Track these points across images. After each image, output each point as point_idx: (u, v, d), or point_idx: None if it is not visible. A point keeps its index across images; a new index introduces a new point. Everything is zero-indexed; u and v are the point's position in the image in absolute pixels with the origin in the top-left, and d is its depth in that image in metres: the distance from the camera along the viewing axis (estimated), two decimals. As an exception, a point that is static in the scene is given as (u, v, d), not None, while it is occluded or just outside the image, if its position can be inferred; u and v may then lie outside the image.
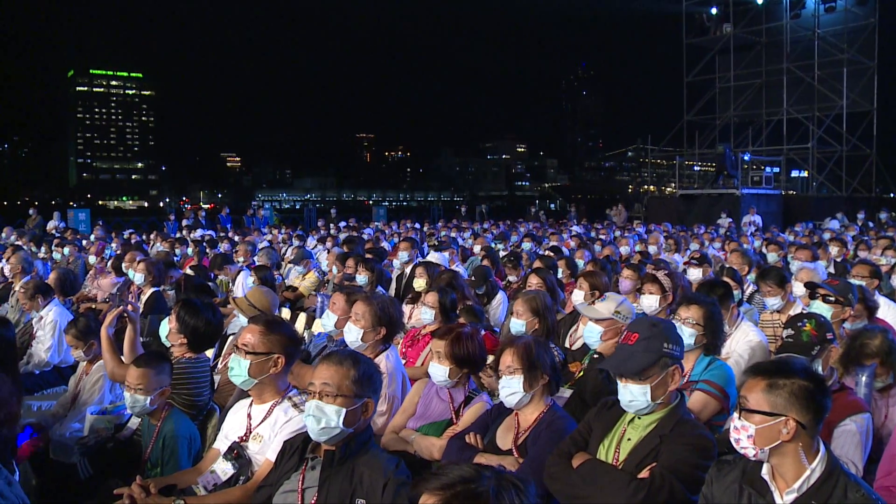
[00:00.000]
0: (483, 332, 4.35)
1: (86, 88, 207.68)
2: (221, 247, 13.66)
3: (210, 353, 5.08)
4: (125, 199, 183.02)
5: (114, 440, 4.19)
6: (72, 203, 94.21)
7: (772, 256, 10.08)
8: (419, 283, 7.34)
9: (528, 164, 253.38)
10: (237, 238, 16.20)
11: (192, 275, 8.77)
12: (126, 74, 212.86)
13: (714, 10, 35.03)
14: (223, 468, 3.49)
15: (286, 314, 7.39)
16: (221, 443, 3.66)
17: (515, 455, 3.38)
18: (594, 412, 3.31)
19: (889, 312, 5.99)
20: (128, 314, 4.85)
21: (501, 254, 11.05)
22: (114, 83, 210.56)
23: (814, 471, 2.49)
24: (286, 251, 13.45)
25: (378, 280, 7.80)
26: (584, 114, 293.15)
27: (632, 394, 3.09)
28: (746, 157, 31.65)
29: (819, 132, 31.92)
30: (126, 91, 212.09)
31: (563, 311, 6.42)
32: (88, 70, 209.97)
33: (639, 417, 3.13)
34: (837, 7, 32.30)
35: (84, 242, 15.29)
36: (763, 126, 34.86)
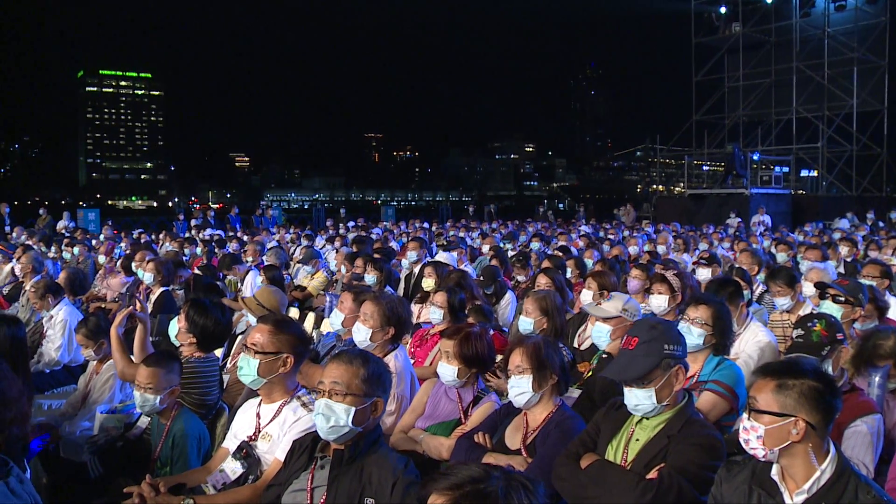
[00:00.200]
0: (491, 332, 4.34)
1: (95, 89, 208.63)
2: (230, 246, 13.68)
3: (219, 353, 5.09)
4: (134, 199, 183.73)
5: (123, 439, 4.20)
6: (81, 203, 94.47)
7: (781, 256, 10.05)
8: (428, 283, 7.34)
9: (537, 164, 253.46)
10: (246, 238, 16.23)
11: (201, 274, 8.80)
12: (135, 75, 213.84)
13: (723, 10, 34.94)
14: (232, 467, 3.50)
15: (295, 314, 7.40)
16: (230, 442, 3.66)
17: (524, 455, 3.38)
18: (602, 413, 3.30)
19: (900, 312, 5.95)
20: (137, 315, 4.87)
21: (510, 253, 11.03)
22: (123, 83, 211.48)
23: (824, 472, 2.47)
24: (295, 251, 13.47)
25: (387, 280, 7.81)
26: (593, 113, 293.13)
27: (637, 398, 3.08)
28: (756, 157, 31.57)
29: (829, 131, 31.79)
30: (135, 91, 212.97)
31: (572, 311, 6.41)
32: (98, 70, 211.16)
33: (647, 418, 3.12)
34: (848, 6, 32.14)
35: (93, 242, 15.32)
36: (772, 125, 34.71)
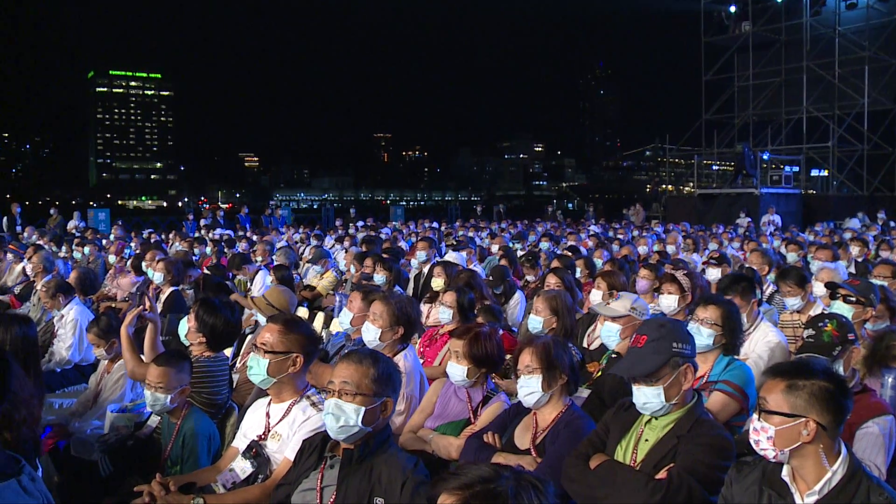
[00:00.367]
0: (501, 332, 4.34)
1: (105, 89, 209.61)
2: (240, 246, 13.72)
3: (229, 352, 5.10)
4: (144, 199, 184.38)
5: (134, 438, 4.22)
6: (91, 203, 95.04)
7: (791, 256, 10.01)
8: (437, 283, 7.34)
9: (546, 164, 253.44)
10: (255, 238, 16.26)
11: (211, 274, 8.82)
12: (145, 75, 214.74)
13: (732, 9, 34.81)
14: (242, 466, 3.51)
15: (304, 313, 7.41)
16: (240, 441, 3.67)
17: (533, 455, 3.38)
18: (611, 413, 3.30)
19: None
20: (147, 315, 4.88)
21: (519, 253, 11.02)
22: (133, 84, 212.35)
23: (835, 473, 2.46)
24: (304, 251, 13.48)
25: (396, 279, 7.81)
26: (602, 113, 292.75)
27: (646, 396, 3.07)
28: (765, 156, 31.40)
29: (840, 131, 31.61)
30: (145, 91, 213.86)
31: (581, 311, 6.40)
32: (108, 71, 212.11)
33: (656, 418, 3.11)
34: (859, 4, 31.94)
35: (104, 242, 15.36)
36: (782, 125, 34.52)
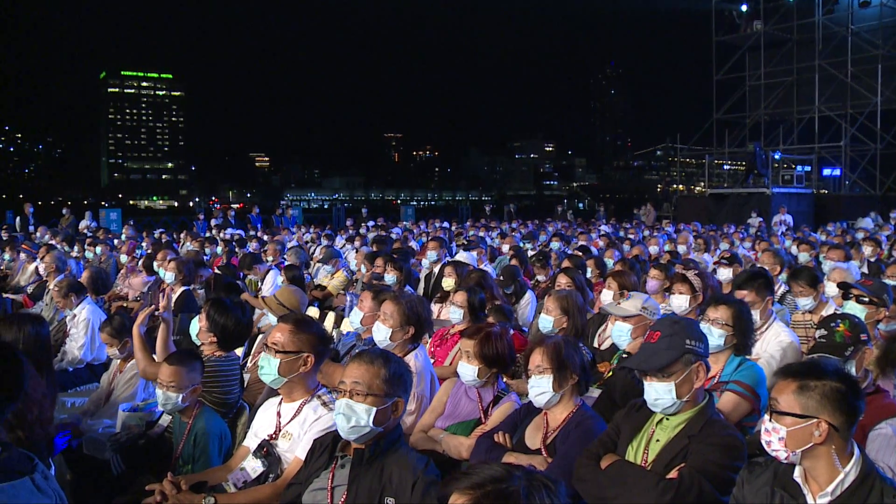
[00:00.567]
0: (511, 332, 4.34)
1: (117, 90, 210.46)
2: (250, 246, 13.76)
3: (239, 352, 5.12)
4: (155, 199, 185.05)
5: (145, 437, 4.24)
6: (103, 203, 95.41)
7: (803, 256, 9.97)
8: (448, 283, 7.34)
9: (557, 164, 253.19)
10: (266, 237, 16.30)
11: (222, 274, 8.84)
12: (156, 75, 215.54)
13: (744, 8, 34.70)
14: (253, 466, 3.52)
15: (314, 313, 7.43)
16: (251, 440, 3.68)
17: (544, 455, 3.38)
18: (622, 414, 3.30)
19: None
20: (161, 316, 4.90)
21: (530, 253, 11.01)
22: (144, 84, 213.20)
23: (847, 474, 2.45)
24: (315, 250, 13.51)
25: (406, 279, 7.81)
26: (613, 113, 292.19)
27: (657, 392, 3.07)
28: (777, 156, 31.30)
29: (852, 130, 31.47)
30: (156, 92, 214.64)
31: (592, 311, 6.39)
32: (120, 71, 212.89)
33: (667, 418, 3.11)
34: (872, 2, 31.77)
35: (115, 242, 15.43)
36: (794, 124, 34.38)
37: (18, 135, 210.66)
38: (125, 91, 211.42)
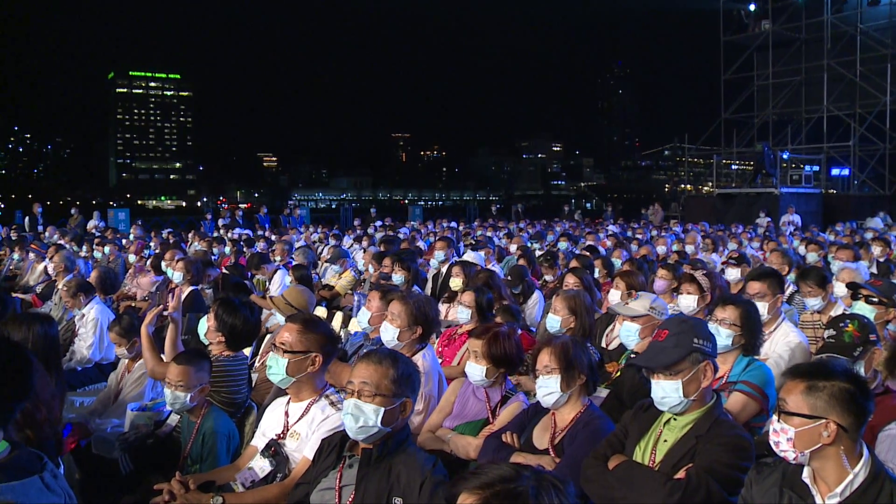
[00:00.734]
0: (519, 332, 4.34)
1: (125, 90, 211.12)
2: (258, 246, 13.78)
3: (247, 352, 5.13)
4: (163, 199, 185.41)
5: (154, 436, 4.25)
6: (112, 203, 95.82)
7: (811, 256, 9.93)
8: (456, 283, 7.34)
9: (564, 164, 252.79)
10: (274, 237, 16.33)
11: (230, 274, 8.86)
12: (164, 76, 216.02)
13: (752, 7, 34.61)
14: (261, 465, 3.53)
15: (322, 313, 7.44)
16: (259, 440, 3.69)
17: (552, 455, 3.37)
18: (630, 414, 3.29)
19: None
20: (170, 316, 4.92)
21: (537, 253, 11.01)
22: (152, 84, 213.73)
23: (857, 475, 2.44)
24: (322, 250, 13.52)
25: (414, 279, 7.81)
26: (620, 112, 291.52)
27: (664, 390, 3.07)
28: (785, 156, 31.22)
29: (861, 129, 31.36)
30: (164, 92, 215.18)
31: (600, 311, 6.38)
32: (128, 72, 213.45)
33: (675, 418, 3.11)
34: (882, 1, 31.62)
35: (124, 242, 15.48)
36: (802, 124, 34.23)
37: (27, 135, 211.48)
38: (133, 91, 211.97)
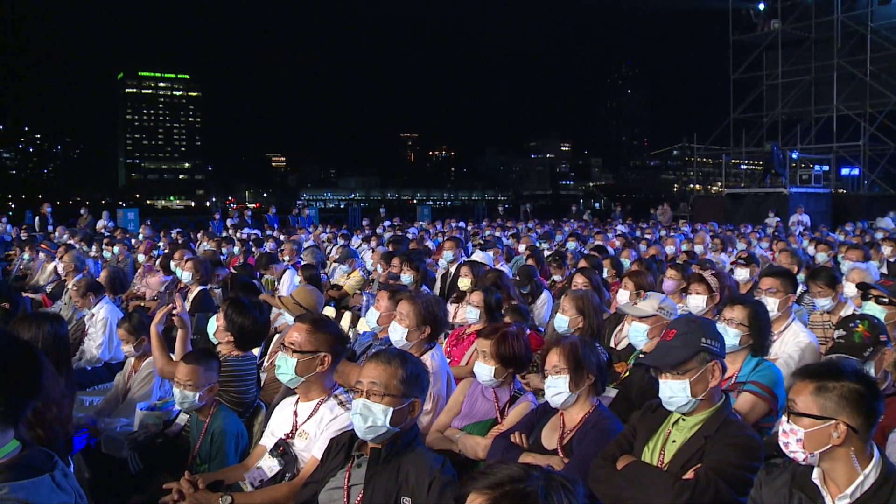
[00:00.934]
0: (528, 332, 4.33)
1: (134, 90, 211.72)
2: (267, 246, 13.80)
3: (256, 351, 5.14)
4: (172, 199, 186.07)
5: (163, 436, 4.27)
6: (121, 203, 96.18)
7: (821, 256, 9.90)
8: (464, 283, 7.34)
9: (573, 163, 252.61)
10: (283, 237, 16.36)
11: (238, 273, 8.88)
12: (173, 76, 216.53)
13: (761, 6, 34.51)
14: (269, 465, 3.53)
15: (331, 312, 7.45)
16: (268, 439, 3.70)
17: (561, 455, 3.37)
18: (639, 415, 3.29)
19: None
20: (179, 317, 4.93)
21: (546, 253, 11.00)
22: (161, 85, 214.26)
23: (867, 476, 2.42)
24: (331, 250, 13.54)
25: (423, 279, 7.82)
26: (629, 112, 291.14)
27: (671, 390, 3.06)
28: (795, 155, 31.12)
29: (871, 129, 31.21)
30: (173, 92, 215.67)
31: (609, 311, 6.37)
32: (137, 72, 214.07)
33: (683, 419, 3.10)
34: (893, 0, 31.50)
35: (133, 241, 15.54)
36: (812, 123, 34.09)
37: (37, 135, 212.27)
38: (142, 91, 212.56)
